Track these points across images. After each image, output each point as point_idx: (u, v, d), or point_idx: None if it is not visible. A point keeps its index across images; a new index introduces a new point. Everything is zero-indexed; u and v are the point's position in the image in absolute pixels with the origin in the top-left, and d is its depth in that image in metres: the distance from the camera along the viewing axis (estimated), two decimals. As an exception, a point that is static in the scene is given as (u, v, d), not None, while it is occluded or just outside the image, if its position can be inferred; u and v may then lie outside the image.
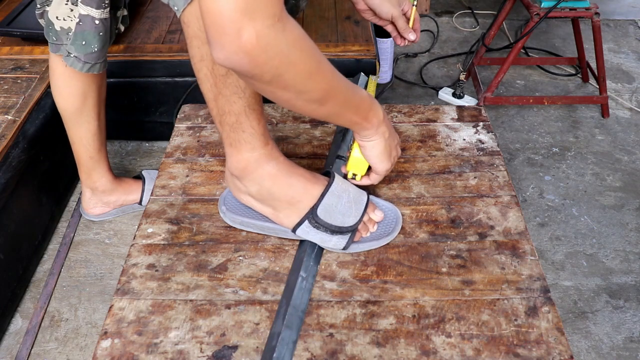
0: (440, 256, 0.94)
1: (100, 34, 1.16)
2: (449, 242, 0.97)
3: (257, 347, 0.81)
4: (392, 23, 1.13)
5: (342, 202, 0.93)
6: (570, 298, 1.38)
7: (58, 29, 1.20)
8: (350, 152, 0.99)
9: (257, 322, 0.84)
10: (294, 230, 0.93)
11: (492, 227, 0.99)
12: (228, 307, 0.86)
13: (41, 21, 1.24)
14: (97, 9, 1.12)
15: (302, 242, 0.95)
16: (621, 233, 1.55)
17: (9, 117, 1.37)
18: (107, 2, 1.12)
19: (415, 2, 1.14)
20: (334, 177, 0.94)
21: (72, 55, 1.19)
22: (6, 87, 1.46)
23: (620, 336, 1.30)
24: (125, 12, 1.25)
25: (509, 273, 0.91)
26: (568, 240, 1.53)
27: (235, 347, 0.81)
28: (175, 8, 0.85)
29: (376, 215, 0.97)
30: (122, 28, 1.27)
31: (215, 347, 0.81)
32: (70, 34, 1.20)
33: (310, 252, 0.93)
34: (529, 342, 0.81)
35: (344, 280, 0.90)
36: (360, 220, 0.93)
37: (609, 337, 1.30)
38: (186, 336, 0.82)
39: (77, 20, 1.14)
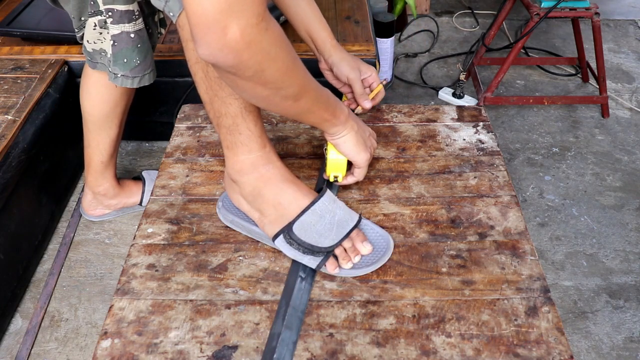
0: (440, 256, 0.94)
1: (138, 46, 1.15)
2: (449, 242, 0.96)
3: (257, 347, 0.81)
4: (350, 86, 1.16)
5: (324, 222, 0.91)
6: (570, 298, 1.38)
7: (90, 50, 1.22)
8: (326, 156, 1.00)
9: (257, 322, 0.84)
10: (273, 239, 0.92)
11: (492, 227, 0.99)
12: (228, 307, 0.86)
13: (81, 42, 1.24)
14: (129, 22, 1.11)
15: None
16: (621, 233, 1.55)
17: (9, 117, 1.37)
18: (137, 13, 1.12)
19: (384, 82, 1.17)
20: (322, 195, 0.93)
21: (119, 76, 1.19)
22: (6, 87, 1.46)
23: (620, 336, 1.30)
24: (162, 15, 1.24)
25: (509, 273, 0.91)
26: (568, 240, 1.53)
27: (235, 347, 0.81)
28: (171, 14, 0.86)
29: (364, 247, 0.93)
30: (163, 31, 1.26)
31: (215, 347, 0.81)
32: (103, 54, 1.20)
33: None
34: (529, 342, 0.81)
35: (343, 280, 0.90)
36: (339, 244, 0.91)
37: (609, 337, 1.30)
38: (186, 336, 0.82)
39: (112, 42, 1.14)
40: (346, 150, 0.96)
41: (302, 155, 1.16)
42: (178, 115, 1.27)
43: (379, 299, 0.87)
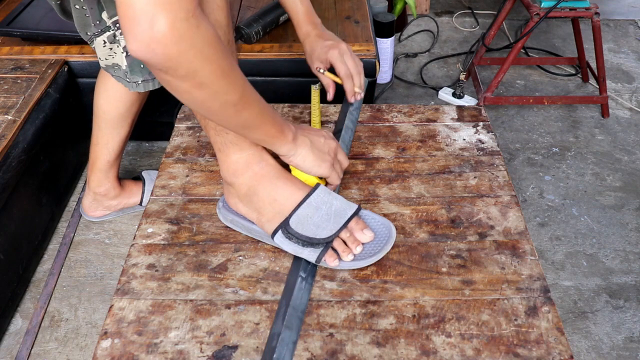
0: (440, 256, 0.94)
1: None
2: (449, 242, 0.96)
3: (257, 347, 0.81)
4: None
5: (320, 213, 0.91)
6: (570, 298, 1.38)
7: (104, 66, 1.21)
8: None
9: (257, 322, 0.84)
10: (272, 236, 0.92)
11: (492, 227, 0.99)
12: (228, 307, 0.87)
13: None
14: None
15: None
16: (621, 233, 1.55)
17: (9, 117, 1.37)
18: None
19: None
20: (316, 188, 0.93)
21: (140, 82, 1.18)
22: (6, 87, 1.46)
23: (620, 336, 1.30)
24: None
25: (509, 273, 0.91)
26: (568, 240, 1.53)
27: (235, 347, 0.81)
28: None
29: (364, 235, 0.92)
30: None
31: (215, 347, 0.81)
32: (116, 68, 1.20)
33: None
34: (529, 342, 0.81)
35: (343, 280, 0.90)
36: (337, 234, 0.90)
37: (609, 337, 1.30)
38: (186, 336, 0.82)
39: (124, 53, 1.14)
40: (306, 168, 0.94)
41: (302, 155, 1.16)
42: (178, 115, 1.27)
43: (379, 298, 0.87)
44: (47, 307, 1.35)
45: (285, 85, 1.62)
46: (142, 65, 1.16)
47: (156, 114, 1.71)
